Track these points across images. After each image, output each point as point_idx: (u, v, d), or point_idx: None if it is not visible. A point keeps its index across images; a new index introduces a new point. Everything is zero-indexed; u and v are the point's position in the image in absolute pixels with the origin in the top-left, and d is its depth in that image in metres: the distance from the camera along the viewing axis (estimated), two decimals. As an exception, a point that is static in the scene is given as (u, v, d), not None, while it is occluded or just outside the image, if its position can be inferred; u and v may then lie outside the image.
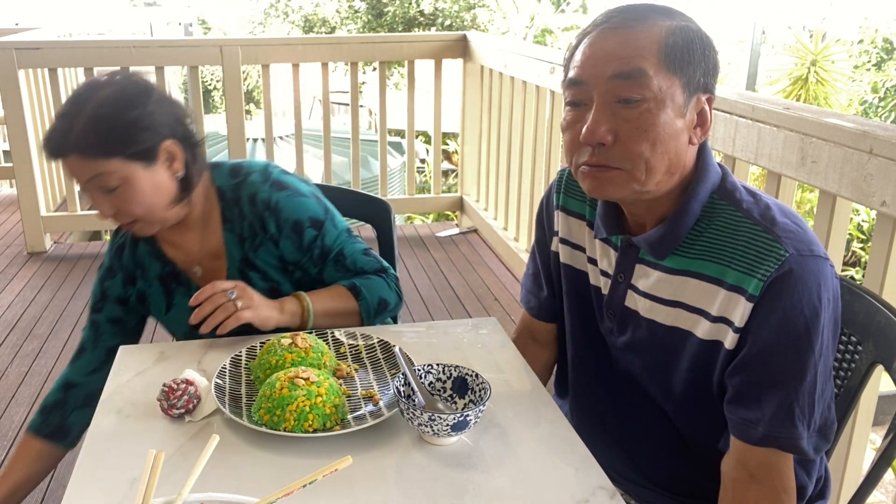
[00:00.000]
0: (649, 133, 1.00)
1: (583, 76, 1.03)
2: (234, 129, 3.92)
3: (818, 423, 1.03)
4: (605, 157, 1.02)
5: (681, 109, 1.01)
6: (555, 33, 12.04)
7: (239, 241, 1.42)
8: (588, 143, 1.02)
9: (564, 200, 1.27)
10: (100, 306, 1.49)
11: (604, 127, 1.00)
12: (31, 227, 3.92)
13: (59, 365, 2.80)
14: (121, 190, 1.28)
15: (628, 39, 1.00)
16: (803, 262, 0.99)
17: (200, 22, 16.94)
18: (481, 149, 4.18)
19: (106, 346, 1.48)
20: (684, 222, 1.07)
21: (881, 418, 1.77)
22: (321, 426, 1.06)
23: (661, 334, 1.11)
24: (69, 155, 1.26)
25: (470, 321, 1.45)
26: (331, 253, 1.44)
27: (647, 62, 0.98)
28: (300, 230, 1.40)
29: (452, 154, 8.99)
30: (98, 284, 1.50)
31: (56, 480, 2.16)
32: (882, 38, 9.77)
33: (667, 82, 0.99)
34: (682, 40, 1.00)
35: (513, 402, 1.17)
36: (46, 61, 3.77)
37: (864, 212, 6.10)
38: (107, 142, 1.25)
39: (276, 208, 1.38)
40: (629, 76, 0.99)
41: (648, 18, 1.01)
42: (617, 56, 1.00)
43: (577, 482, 0.99)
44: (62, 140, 1.26)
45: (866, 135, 1.53)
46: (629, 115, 1.00)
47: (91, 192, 1.30)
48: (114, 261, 1.49)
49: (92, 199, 1.31)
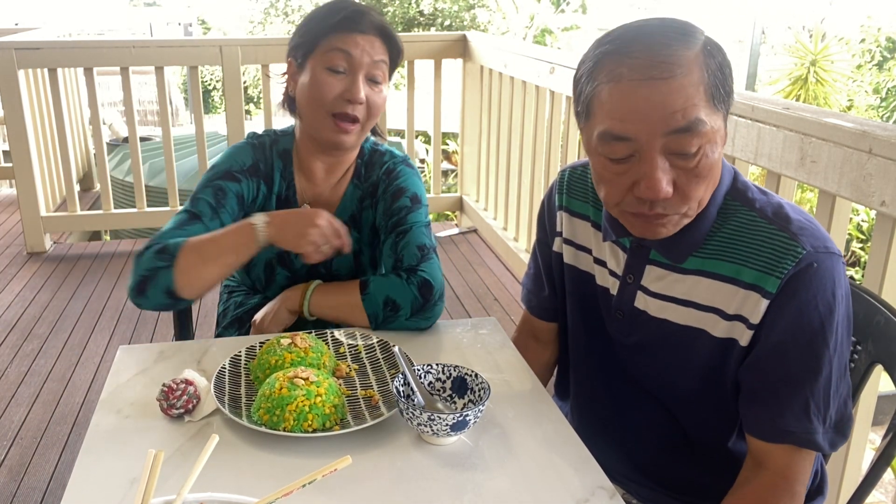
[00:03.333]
0: (707, 178, 0.99)
1: (631, 132, 0.96)
2: (234, 129, 3.92)
3: (834, 418, 1.03)
4: (663, 208, 1.00)
5: (724, 139, 1.01)
6: (554, 33, 12.04)
7: (359, 199, 1.51)
8: (651, 199, 0.99)
9: (567, 201, 1.27)
10: (226, 178, 1.44)
11: (664, 180, 0.97)
12: (31, 227, 3.92)
13: (59, 365, 2.81)
14: (380, 87, 1.40)
15: (673, 89, 0.94)
16: (820, 258, 0.99)
17: (200, 22, 16.94)
18: (481, 149, 4.18)
19: (224, 221, 1.41)
20: (703, 227, 1.07)
21: (881, 418, 1.77)
22: (321, 426, 1.06)
23: (673, 333, 1.11)
24: (371, 33, 1.38)
25: (470, 321, 1.45)
26: (401, 226, 1.45)
27: (699, 109, 0.95)
28: (398, 197, 1.47)
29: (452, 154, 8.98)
30: (225, 157, 1.47)
31: (56, 480, 2.17)
32: (885, 38, 9.77)
33: (716, 120, 0.97)
34: (719, 69, 0.97)
35: (513, 402, 1.17)
36: (46, 61, 3.77)
37: (863, 212, 6.10)
38: (397, 44, 1.42)
39: (394, 175, 1.50)
40: (688, 129, 0.95)
41: (678, 51, 0.94)
42: (670, 110, 0.94)
43: (577, 482, 0.99)
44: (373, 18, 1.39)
45: (866, 135, 1.53)
46: (687, 164, 0.97)
47: (363, 71, 1.37)
48: (250, 152, 1.47)
49: (354, 80, 1.36)
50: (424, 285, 1.38)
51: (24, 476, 2.18)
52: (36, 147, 3.94)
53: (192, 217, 1.39)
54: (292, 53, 1.44)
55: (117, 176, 5.20)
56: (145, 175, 4.40)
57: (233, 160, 1.46)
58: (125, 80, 3.83)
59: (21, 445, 2.32)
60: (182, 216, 1.40)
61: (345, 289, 1.42)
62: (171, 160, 4.00)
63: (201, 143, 3.99)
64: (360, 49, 1.36)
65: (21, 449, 2.31)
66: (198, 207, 1.41)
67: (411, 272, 1.40)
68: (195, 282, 1.30)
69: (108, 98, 8.33)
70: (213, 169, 1.46)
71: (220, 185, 1.43)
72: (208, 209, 1.40)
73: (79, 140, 5.07)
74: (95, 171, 5.24)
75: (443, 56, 4.11)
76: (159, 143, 4.99)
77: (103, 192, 4.01)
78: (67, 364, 2.82)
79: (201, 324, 3.04)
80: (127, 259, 3.87)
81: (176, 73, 12.87)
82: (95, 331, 3.09)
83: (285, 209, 1.48)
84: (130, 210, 4.17)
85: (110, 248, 4.05)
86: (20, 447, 2.32)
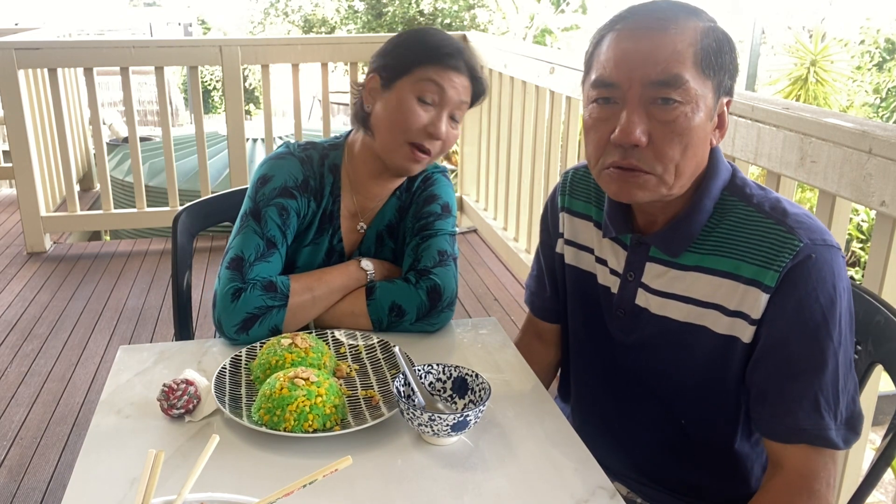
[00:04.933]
0: (683, 137, 1.00)
1: (616, 78, 1.00)
2: (233, 129, 3.92)
3: (845, 414, 1.02)
4: (636, 159, 1.01)
5: (710, 113, 1.02)
6: (554, 33, 12.04)
7: (398, 208, 1.50)
8: (621, 143, 1.01)
9: (569, 202, 1.27)
10: (285, 195, 1.40)
11: (639, 128, 0.99)
12: (31, 227, 3.92)
13: (59, 365, 2.81)
14: (457, 125, 1.39)
15: (663, 42, 0.98)
16: (818, 251, 0.99)
17: (200, 22, 16.94)
18: (481, 149, 4.18)
19: (289, 241, 1.40)
20: (698, 219, 1.07)
21: (881, 418, 1.77)
22: (321, 426, 1.06)
23: (674, 330, 1.11)
24: (464, 75, 1.37)
25: (470, 321, 1.45)
26: (426, 231, 1.44)
27: (684, 67, 0.97)
28: (430, 202, 1.48)
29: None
30: (276, 169, 1.42)
31: (56, 480, 2.16)
32: (885, 39, 9.77)
33: (701, 86, 0.98)
34: (715, 43, 1.00)
35: (513, 402, 1.17)
36: (46, 61, 3.77)
37: (863, 212, 6.10)
38: (482, 87, 1.41)
39: (430, 182, 1.50)
40: (666, 83, 0.97)
41: (679, 18, 0.99)
42: (653, 60, 0.98)
43: (578, 482, 0.99)
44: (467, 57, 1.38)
45: (866, 135, 1.53)
46: (665, 116, 0.99)
47: (449, 109, 1.36)
48: (300, 167, 1.43)
49: (440, 116, 1.35)
50: (433, 290, 1.37)
51: (24, 476, 2.18)
52: (36, 147, 3.93)
53: (269, 244, 1.37)
54: (379, 71, 1.38)
55: (117, 176, 5.20)
56: (145, 175, 4.39)
57: (286, 175, 1.41)
58: (125, 80, 3.83)
59: (21, 445, 2.32)
60: (256, 241, 1.36)
61: (350, 295, 1.39)
62: (171, 160, 4.00)
63: (201, 143, 3.99)
64: (453, 86, 1.35)
65: (21, 449, 2.31)
66: (269, 231, 1.38)
67: (422, 274, 1.39)
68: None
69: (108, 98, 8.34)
70: (268, 184, 1.40)
71: (282, 203, 1.39)
72: (279, 233, 1.38)
73: (79, 140, 5.07)
74: (95, 171, 5.24)
75: (443, 56, 4.10)
76: (159, 143, 4.99)
77: (103, 192, 4.01)
78: (67, 364, 2.82)
79: (201, 324, 3.04)
80: (127, 259, 3.87)
81: (176, 73, 12.87)
82: (95, 331, 3.09)
83: (331, 230, 1.47)
84: (130, 210, 4.17)
85: (110, 248, 4.05)
86: (20, 447, 2.31)
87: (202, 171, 4.04)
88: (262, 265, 1.35)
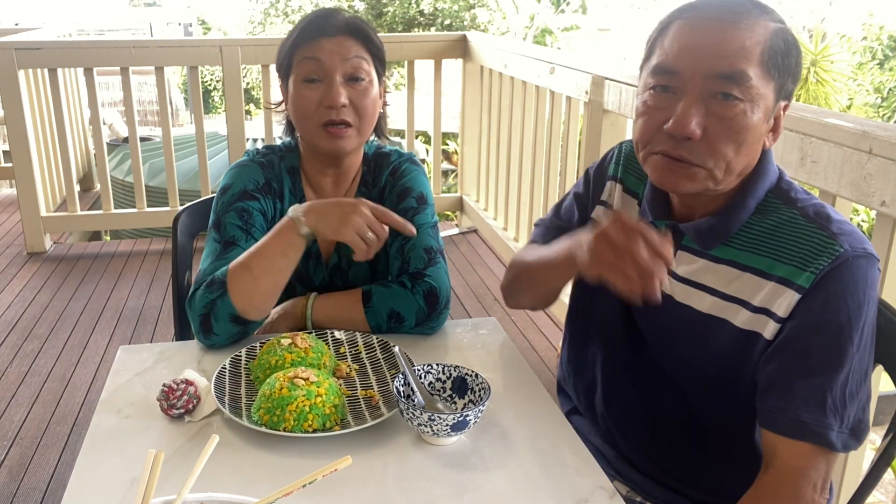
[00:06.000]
0: (738, 135, 0.99)
1: (678, 66, 0.99)
2: (233, 129, 3.92)
3: (851, 421, 1.01)
4: (687, 151, 1.00)
5: (768, 114, 1.01)
6: (554, 33, 12.04)
7: None
8: (674, 134, 0.99)
9: (623, 175, 1.25)
10: (245, 198, 1.41)
11: (694, 120, 0.98)
12: (31, 227, 3.92)
13: (59, 365, 2.81)
14: (364, 85, 1.37)
15: (733, 36, 0.97)
16: (857, 258, 0.99)
17: (200, 22, 16.94)
18: (481, 149, 4.18)
19: (258, 239, 1.32)
20: (738, 216, 1.07)
21: (881, 418, 1.77)
22: (321, 426, 1.06)
23: (694, 320, 1.11)
24: (339, 35, 1.35)
25: (470, 321, 1.45)
26: None
27: (750, 64, 0.96)
28: (404, 197, 1.46)
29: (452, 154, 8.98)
30: (235, 177, 1.43)
31: (56, 480, 2.17)
32: (888, 36, 9.76)
33: (764, 86, 0.98)
34: (784, 44, 0.99)
35: (513, 402, 1.17)
36: (46, 61, 3.77)
37: (863, 212, 6.10)
38: (371, 38, 1.38)
39: (399, 174, 1.49)
40: (730, 77, 0.96)
41: (751, 15, 0.98)
42: (720, 53, 0.96)
43: (578, 482, 0.99)
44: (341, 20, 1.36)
45: (866, 135, 1.53)
46: (723, 112, 0.98)
47: (339, 74, 1.34)
48: (260, 171, 1.44)
49: (330, 85, 1.34)
50: (430, 294, 1.36)
51: (24, 476, 2.18)
52: (36, 147, 3.93)
53: (227, 245, 1.36)
54: (279, 75, 1.43)
55: (117, 176, 5.20)
56: (145, 175, 4.39)
57: (246, 179, 1.42)
58: (125, 81, 3.83)
59: (21, 445, 2.32)
60: (215, 246, 1.37)
61: (347, 302, 1.38)
62: (171, 160, 4.00)
63: (201, 143, 3.99)
64: (327, 53, 1.33)
65: (21, 449, 2.31)
66: (228, 233, 1.37)
67: (417, 278, 1.37)
68: (255, 299, 1.27)
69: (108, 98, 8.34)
70: (227, 192, 1.41)
71: (241, 206, 1.39)
72: (240, 232, 1.37)
73: (79, 140, 5.07)
74: (95, 171, 5.24)
75: (443, 56, 4.11)
76: (159, 143, 4.98)
77: (103, 192, 4.01)
78: (67, 364, 2.82)
79: (201, 324, 3.04)
80: (127, 259, 3.87)
81: (176, 73, 12.88)
82: (95, 331, 3.09)
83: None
84: (130, 210, 4.17)
85: (110, 249, 4.05)
86: (20, 447, 2.32)
87: (202, 171, 4.04)
88: (215, 266, 1.33)
